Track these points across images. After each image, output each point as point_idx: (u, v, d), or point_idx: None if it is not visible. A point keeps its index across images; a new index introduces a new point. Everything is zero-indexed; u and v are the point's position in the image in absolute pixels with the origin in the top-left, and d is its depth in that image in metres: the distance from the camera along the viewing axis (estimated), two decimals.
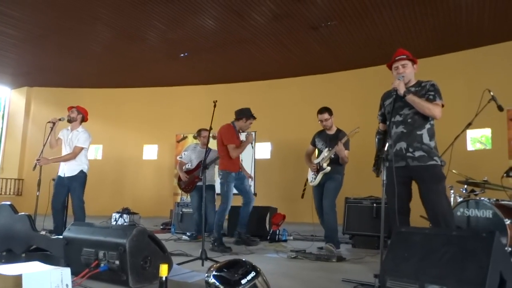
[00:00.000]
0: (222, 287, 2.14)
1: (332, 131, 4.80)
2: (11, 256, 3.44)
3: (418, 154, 3.08)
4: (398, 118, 3.20)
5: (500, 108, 4.20)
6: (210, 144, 4.33)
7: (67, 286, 2.21)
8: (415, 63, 3.27)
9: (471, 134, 8.95)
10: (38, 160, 4.71)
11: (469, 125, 4.34)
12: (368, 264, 3.81)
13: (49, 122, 4.92)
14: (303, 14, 7.58)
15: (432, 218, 3.03)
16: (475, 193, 4.56)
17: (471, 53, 8.93)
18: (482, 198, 4.21)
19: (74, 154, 4.82)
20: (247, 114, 5.00)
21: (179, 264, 3.36)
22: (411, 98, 3.07)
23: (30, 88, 13.13)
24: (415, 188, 3.15)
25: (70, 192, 4.84)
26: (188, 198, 6.64)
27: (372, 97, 5.02)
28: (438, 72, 7.76)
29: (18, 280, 2.04)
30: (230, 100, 8.66)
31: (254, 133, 8.24)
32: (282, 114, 10.91)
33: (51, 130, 4.89)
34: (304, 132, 6.18)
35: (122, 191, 11.93)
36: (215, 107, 4.08)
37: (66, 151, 4.92)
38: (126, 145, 12.42)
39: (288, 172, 10.16)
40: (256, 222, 5.86)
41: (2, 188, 12.29)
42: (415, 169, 3.09)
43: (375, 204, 5.07)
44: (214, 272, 2.22)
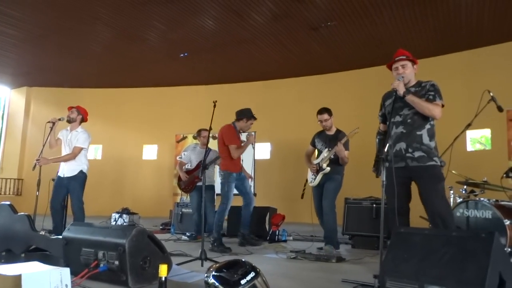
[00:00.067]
0: (221, 287, 2.14)
1: (332, 132, 4.80)
2: (11, 256, 3.43)
3: (418, 154, 3.08)
4: (397, 119, 3.20)
5: (499, 109, 4.19)
6: (210, 144, 4.32)
7: (66, 286, 2.21)
8: (415, 63, 3.26)
9: (470, 134, 8.96)
10: (37, 160, 4.70)
11: (468, 125, 4.33)
12: (367, 265, 3.81)
13: (48, 122, 4.92)
14: (303, 14, 7.58)
15: (431, 218, 3.03)
16: (474, 193, 4.56)
17: (470, 53, 8.95)
18: (482, 199, 4.21)
19: (73, 155, 4.81)
20: (248, 115, 5.00)
21: (178, 264, 3.36)
22: (411, 98, 3.07)
23: (30, 88, 13.13)
24: (414, 189, 3.15)
25: (69, 193, 4.83)
26: (187, 198, 6.63)
27: (372, 97, 5.03)
28: (438, 72, 7.75)
29: (17, 280, 2.03)
30: (230, 100, 8.67)
31: (254, 133, 8.23)
32: (281, 114, 10.91)
33: (51, 130, 4.89)
34: (304, 132, 6.18)
35: (121, 191, 11.93)
36: (215, 107, 4.08)
37: (65, 152, 4.91)
38: (126, 145, 12.42)
39: (287, 172, 10.16)
40: (255, 223, 5.85)
41: (1, 188, 12.30)
42: (415, 169, 3.08)
43: (374, 205, 5.07)
44: (214, 273, 2.22)
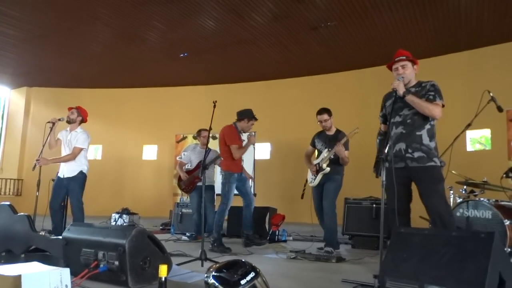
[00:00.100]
0: (221, 287, 2.14)
1: (332, 132, 4.79)
2: (11, 257, 3.43)
3: (417, 155, 3.07)
4: (397, 119, 3.19)
5: (499, 109, 4.19)
6: (209, 145, 4.32)
7: (66, 286, 2.21)
8: (415, 63, 3.25)
9: (470, 134, 8.96)
10: (37, 160, 4.70)
11: (468, 125, 4.33)
12: (367, 265, 3.81)
13: (48, 122, 4.91)
14: (303, 15, 7.58)
15: (432, 219, 3.04)
16: (474, 193, 4.56)
17: (470, 54, 8.95)
18: (482, 199, 4.21)
19: (73, 155, 4.81)
20: (249, 115, 5.01)
21: (178, 264, 3.36)
22: (411, 99, 3.06)
23: (30, 88, 13.13)
24: (415, 189, 3.15)
25: (68, 193, 4.83)
26: (187, 198, 6.63)
27: (372, 97, 5.03)
28: (438, 72, 7.75)
29: (17, 281, 2.03)
30: (230, 100, 8.69)
31: (254, 133, 8.23)
32: (281, 115, 10.90)
33: (51, 131, 4.88)
34: (304, 132, 6.18)
35: (121, 191, 11.92)
36: (214, 107, 4.08)
37: (65, 152, 4.90)
38: (126, 145, 12.42)
39: (287, 172, 10.15)
40: (255, 223, 5.82)
41: (1, 188, 12.29)
42: (414, 170, 3.08)
43: (374, 205, 5.07)
44: (214, 273, 2.22)
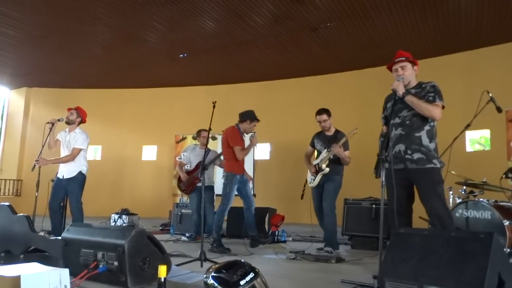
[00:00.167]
0: None
1: (331, 132, 4.80)
2: (10, 257, 3.43)
3: (417, 156, 3.07)
4: (397, 120, 3.19)
5: (499, 110, 4.20)
6: (209, 145, 4.32)
7: (65, 287, 2.21)
8: (415, 64, 3.25)
9: (470, 135, 8.95)
10: (37, 161, 4.70)
11: (468, 126, 4.34)
12: (367, 265, 3.81)
13: (48, 123, 4.92)
14: (303, 16, 7.58)
15: (430, 221, 3.05)
16: (474, 194, 4.56)
17: (470, 54, 8.95)
18: (481, 199, 4.21)
19: (72, 156, 4.81)
20: (252, 117, 5.02)
21: (178, 265, 3.36)
22: (410, 99, 3.06)
23: (29, 88, 13.12)
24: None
25: (68, 194, 4.83)
26: (187, 199, 6.63)
27: (371, 98, 5.04)
28: (437, 73, 7.74)
29: (16, 281, 2.03)
30: (230, 101, 8.69)
31: (254, 133, 8.22)
32: (281, 115, 10.90)
33: (50, 131, 4.88)
34: (304, 133, 6.19)
35: (121, 192, 11.92)
36: (214, 108, 4.09)
37: (64, 153, 4.90)
38: (125, 145, 12.41)
39: (287, 172, 10.15)
40: (255, 223, 5.85)
41: (1, 189, 12.27)
42: (413, 171, 3.07)
43: (374, 205, 5.07)
44: (213, 273, 2.22)
